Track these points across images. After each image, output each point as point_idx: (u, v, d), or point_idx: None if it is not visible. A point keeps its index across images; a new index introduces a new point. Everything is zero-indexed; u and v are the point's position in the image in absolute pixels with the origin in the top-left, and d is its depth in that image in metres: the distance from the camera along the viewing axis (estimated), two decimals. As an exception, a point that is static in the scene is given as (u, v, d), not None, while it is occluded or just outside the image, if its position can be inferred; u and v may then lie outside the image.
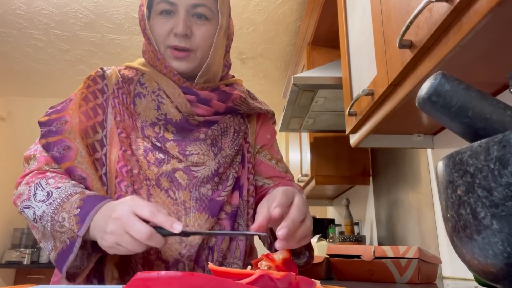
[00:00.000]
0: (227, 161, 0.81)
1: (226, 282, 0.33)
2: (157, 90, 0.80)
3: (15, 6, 2.57)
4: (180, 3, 0.78)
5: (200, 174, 0.78)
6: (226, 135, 0.84)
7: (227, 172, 0.81)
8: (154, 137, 0.79)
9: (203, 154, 0.80)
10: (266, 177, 0.90)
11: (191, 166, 0.78)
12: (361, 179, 2.07)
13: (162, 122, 0.80)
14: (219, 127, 0.83)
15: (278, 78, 3.55)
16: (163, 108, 0.79)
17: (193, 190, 0.77)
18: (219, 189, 0.79)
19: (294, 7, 2.58)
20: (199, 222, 0.75)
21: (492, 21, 0.57)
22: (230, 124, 0.86)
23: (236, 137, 0.85)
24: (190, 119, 0.80)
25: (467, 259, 0.35)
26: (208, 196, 0.77)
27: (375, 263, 0.92)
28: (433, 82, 0.39)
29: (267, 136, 0.95)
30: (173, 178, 0.76)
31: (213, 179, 0.78)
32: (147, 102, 0.80)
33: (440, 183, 0.38)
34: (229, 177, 0.81)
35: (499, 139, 0.31)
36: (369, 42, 1.02)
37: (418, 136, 1.22)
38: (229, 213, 0.79)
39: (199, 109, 0.80)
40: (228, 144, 0.83)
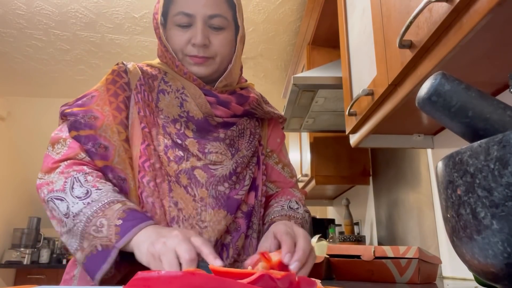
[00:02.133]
0: (244, 162, 0.84)
1: (227, 281, 0.33)
2: (181, 88, 0.83)
3: (15, 6, 2.57)
4: (197, 14, 0.79)
5: (218, 172, 0.80)
6: (243, 136, 0.87)
7: (244, 172, 0.84)
8: (175, 133, 0.80)
9: (221, 154, 0.82)
10: (271, 181, 0.93)
11: (209, 165, 0.80)
12: (361, 179, 2.07)
13: (183, 119, 0.82)
14: (237, 128, 0.86)
15: (278, 78, 3.55)
16: (186, 105, 0.81)
17: (210, 188, 0.78)
18: (237, 188, 0.81)
19: (294, 7, 2.58)
20: (218, 218, 0.76)
21: (492, 21, 0.57)
22: (247, 126, 0.88)
23: (253, 139, 0.88)
24: (209, 119, 0.82)
25: (467, 259, 0.35)
26: (226, 194, 0.79)
27: (375, 263, 0.92)
28: (433, 82, 0.39)
29: (277, 140, 0.98)
30: (192, 176, 0.78)
31: (231, 178, 0.80)
32: (171, 99, 0.82)
33: (440, 183, 0.38)
34: (245, 177, 0.84)
35: (499, 139, 0.31)
36: (369, 42, 1.02)
37: (418, 136, 1.22)
38: (245, 212, 0.81)
39: (218, 110, 0.83)
40: (245, 146, 0.86)
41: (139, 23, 2.72)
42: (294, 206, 0.87)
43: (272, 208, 0.87)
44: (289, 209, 0.85)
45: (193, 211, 0.76)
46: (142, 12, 2.62)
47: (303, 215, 0.86)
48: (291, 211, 0.84)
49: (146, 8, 2.57)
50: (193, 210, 0.76)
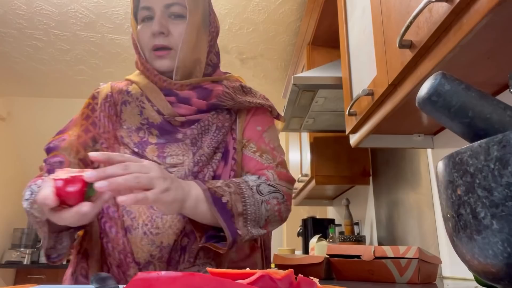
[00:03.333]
0: (202, 160, 0.80)
1: (227, 282, 0.33)
2: (140, 95, 0.84)
3: (15, 6, 2.57)
4: (155, 5, 0.81)
5: (174, 174, 0.77)
6: (207, 133, 0.84)
7: (204, 170, 0.81)
8: (138, 142, 0.81)
9: (182, 155, 0.80)
10: (247, 171, 0.86)
11: (168, 168, 0.78)
12: (361, 179, 2.07)
13: (145, 126, 0.82)
14: (199, 125, 0.83)
15: (278, 78, 3.55)
16: (145, 112, 0.82)
17: None
18: None
19: (294, 7, 2.57)
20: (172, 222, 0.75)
21: (492, 21, 0.57)
22: (213, 121, 0.85)
23: (217, 134, 0.84)
24: (172, 121, 0.82)
25: (467, 259, 0.35)
26: None
27: (375, 263, 0.92)
28: (433, 82, 0.39)
29: (257, 128, 0.90)
30: None
31: (187, 178, 0.78)
32: (131, 108, 0.83)
33: (440, 183, 0.38)
34: (205, 176, 0.80)
35: (499, 139, 0.31)
36: (369, 42, 1.02)
37: (418, 136, 1.22)
38: None
39: (181, 109, 0.82)
40: (207, 142, 0.83)
41: (139, 23, 2.72)
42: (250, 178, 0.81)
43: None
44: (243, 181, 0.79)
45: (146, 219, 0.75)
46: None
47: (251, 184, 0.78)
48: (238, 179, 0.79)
49: (146, 8, 2.57)
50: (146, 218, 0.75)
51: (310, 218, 2.53)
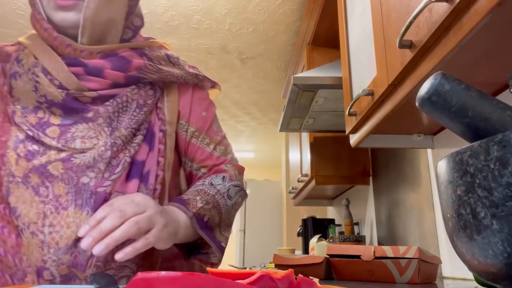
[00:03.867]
0: (117, 143, 0.67)
1: (227, 282, 0.33)
2: (33, 66, 0.67)
3: (15, 6, 2.57)
4: None
5: (79, 160, 0.64)
6: (125, 111, 0.70)
7: (119, 156, 0.67)
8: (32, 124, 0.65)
9: (91, 137, 0.66)
10: (201, 164, 0.79)
11: (74, 154, 0.65)
12: (361, 179, 2.07)
13: (44, 105, 0.66)
14: (116, 102, 0.69)
15: (278, 78, 3.55)
16: (40, 88, 0.66)
17: (69, 181, 0.64)
18: (104, 178, 0.65)
19: (294, 7, 2.57)
20: (73, 220, 0.62)
21: (492, 21, 0.57)
22: (133, 97, 0.71)
23: (137, 113, 0.70)
24: (79, 97, 0.66)
25: (467, 259, 0.35)
26: (90, 186, 0.64)
27: (375, 263, 0.92)
28: (433, 82, 0.39)
29: (203, 114, 0.80)
30: (45, 172, 0.64)
31: (97, 165, 0.65)
32: (23, 83, 0.66)
33: (440, 183, 0.38)
34: (120, 162, 0.67)
35: (499, 139, 0.31)
36: (369, 42, 1.02)
37: (418, 136, 1.22)
38: None
39: (90, 82, 0.67)
40: (125, 123, 0.69)
41: None
42: (216, 182, 0.76)
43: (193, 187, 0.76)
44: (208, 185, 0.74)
45: (35, 216, 0.62)
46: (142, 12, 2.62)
47: (222, 191, 0.75)
48: (208, 186, 0.73)
49: (146, 8, 2.57)
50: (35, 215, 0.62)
51: (310, 218, 2.53)
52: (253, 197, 5.03)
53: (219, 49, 3.06)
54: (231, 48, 3.05)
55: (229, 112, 4.40)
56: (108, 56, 0.69)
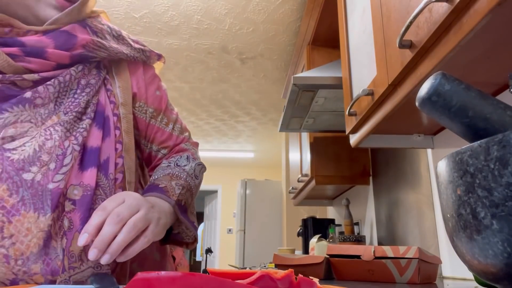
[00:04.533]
0: (58, 130, 0.60)
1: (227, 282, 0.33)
2: None
3: (15, 6, 2.58)
4: None
5: (17, 155, 0.56)
6: (66, 93, 0.62)
7: (63, 144, 0.59)
8: None
9: (24, 121, 0.58)
10: (161, 145, 0.77)
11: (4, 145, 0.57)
12: (361, 179, 2.07)
13: None
14: (57, 81, 0.61)
15: (278, 78, 3.55)
16: None
17: (10, 181, 0.55)
18: (52, 170, 0.58)
19: (294, 7, 2.58)
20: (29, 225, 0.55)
21: (492, 21, 0.57)
22: (76, 76, 0.63)
23: (79, 95, 0.63)
24: (18, 81, 0.58)
25: (467, 259, 0.35)
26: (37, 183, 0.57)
27: (375, 263, 0.92)
28: (433, 82, 0.39)
29: (157, 93, 0.77)
30: None
31: (39, 157, 0.57)
32: None
33: (440, 183, 0.38)
34: (67, 151, 0.59)
35: (499, 139, 0.31)
36: (369, 42, 1.02)
37: (418, 136, 1.22)
38: (80, 201, 0.59)
39: (30, 64, 0.59)
40: (65, 106, 0.61)
41: (139, 23, 2.72)
42: (183, 163, 0.74)
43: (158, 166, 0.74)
44: (176, 167, 0.72)
45: None
46: (142, 12, 2.62)
47: (190, 172, 0.73)
48: (177, 169, 0.71)
49: (146, 8, 2.57)
50: None
51: (310, 218, 2.53)
52: (253, 197, 5.03)
53: (219, 49, 3.06)
54: (231, 48, 3.05)
55: (229, 112, 4.40)
56: (48, 32, 0.60)
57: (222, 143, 5.70)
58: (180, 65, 3.30)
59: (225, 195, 6.77)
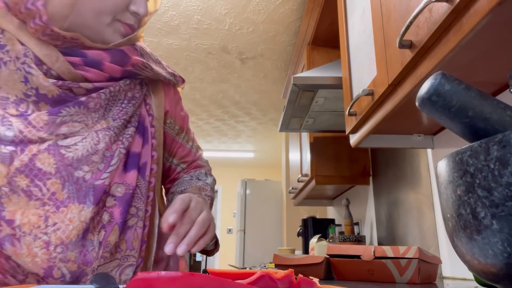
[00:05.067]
0: (109, 134, 0.66)
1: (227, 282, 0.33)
2: (22, 56, 0.62)
3: (15, 6, 2.58)
4: None
5: (72, 153, 0.62)
6: (115, 102, 0.69)
7: (111, 148, 0.67)
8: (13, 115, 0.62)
9: (78, 121, 0.64)
10: (181, 160, 0.85)
11: (59, 141, 0.62)
12: (361, 179, 2.07)
13: (32, 98, 0.62)
14: (109, 90, 0.67)
15: (278, 78, 3.55)
16: (33, 80, 0.61)
17: (63, 176, 0.62)
18: (100, 170, 0.65)
19: (294, 7, 2.58)
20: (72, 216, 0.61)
21: (492, 21, 0.57)
22: (124, 88, 0.70)
23: (126, 105, 0.70)
24: (74, 88, 0.64)
25: (467, 259, 0.35)
26: (87, 180, 0.63)
27: (375, 263, 0.92)
28: (433, 82, 0.39)
29: (181, 113, 0.85)
30: (33, 169, 0.60)
31: (91, 158, 0.64)
32: (10, 71, 0.61)
33: (440, 183, 0.38)
34: (114, 153, 0.66)
35: (499, 139, 0.31)
36: (369, 42, 1.02)
37: (418, 136, 1.22)
38: (121, 197, 0.66)
39: (87, 73, 0.65)
40: (114, 113, 0.69)
41: None
42: (203, 178, 0.83)
43: (181, 179, 0.82)
44: (198, 180, 0.81)
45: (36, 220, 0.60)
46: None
47: (212, 185, 0.84)
48: (201, 182, 0.81)
49: (146, 8, 2.57)
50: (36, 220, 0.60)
51: (310, 218, 2.53)
52: (253, 197, 5.03)
53: (219, 49, 3.06)
54: (231, 48, 3.05)
55: (229, 112, 4.40)
56: (107, 49, 0.68)
57: (222, 143, 5.70)
58: (180, 65, 3.30)
59: (225, 195, 6.77)
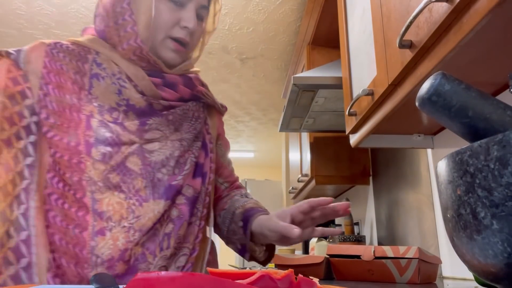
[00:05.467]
0: (183, 145, 0.79)
1: (227, 282, 0.33)
2: (117, 73, 0.75)
3: (15, 6, 2.57)
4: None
5: (155, 158, 0.75)
6: (185, 118, 0.82)
7: (184, 155, 0.79)
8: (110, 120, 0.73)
9: (159, 129, 0.77)
10: (225, 180, 0.96)
11: (143, 145, 0.74)
12: (361, 179, 2.07)
13: (122, 108, 0.74)
14: (182, 108, 0.81)
15: (278, 78, 3.55)
16: (125, 92, 0.74)
17: (147, 176, 0.73)
18: (176, 173, 0.76)
19: (294, 7, 2.57)
20: (153, 207, 0.71)
21: (492, 21, 0.57)
22: (192, 108, 0.83)
23: (195, 122, 0.83)
24: (154, 104, 0.76)
25: (467, 259, 0.35)
26: (164, 181, 0.74)
27: (375, 263, 0.92)
28: (433, 82, 0.39)
29: (226, 137, 0.98)
30: (124, 168, 0.71)
31: (168, 163, 0.76)
32: (107, 85, 0.74)
33: (440, 183, 0.38)
34: (187, 161, 0.79)
35: (499, 139, 0.31)
36: (369, 42, 1.02)
37: (418, 136, 1.22)
38: (189, 198, 0.77)
39: (164, 92, 0.77)
40: (186, 128, 0.81)
41: None
42: (250, 196, 0.95)
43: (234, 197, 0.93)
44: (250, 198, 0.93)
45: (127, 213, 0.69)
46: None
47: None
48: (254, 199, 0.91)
49: (146, 8, 2.57)
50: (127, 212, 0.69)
51: (310, 218, 2.52)
52: (253, 197, 5.02)
53: (219, 49, 3.06)
54: (231, 48, 3.05)
55: (229, 112, 4.40)
56: (180, 75, 0.82)
57: (222, 143, 5.69)
58: (180, 65, 3.30)
59: (225, 195, 6.75)
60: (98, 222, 0.67)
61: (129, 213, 0.69)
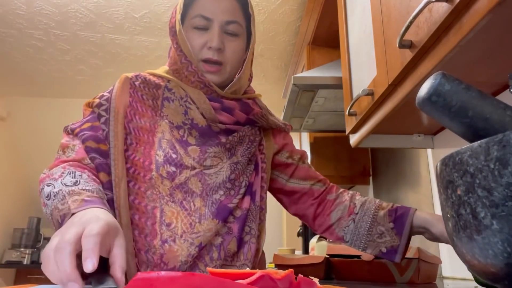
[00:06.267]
0: (238, 168, 0.85)
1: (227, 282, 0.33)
2: (184, 96, 0.84)
3: (15, 6, 2.57)
4: (215, 18, 0.82)
5: (212, 181, 0.82)
6: (241, 143, 0.88)
7: (240, 178, 0.85)
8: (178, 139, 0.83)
9: (217, 157, 0.84)
10: (316, 180, 0.98)
11: (204, 170, 0.82)
12: (361, 179, 2.07)
13: (187, 126, 0.84)
14: (238, 134, 0.87)
15: (278, 78, 3.55)
16: (190, 113, 0.83)
17: (206, 197, 0.81)
18: (231, 195, 0.83)
19: (294, 7, 2.58)
20: (210, 227, 0.79)
21: (492, 21, 0.57)
22: (247, 134, 0.89)
23: (250, 146, 0.89)
24: (212, 126, 0.84)
25: (467, 259, 0.35)
26: (221, 202, 0.81)
27: (375, 263, 0.92)
28: (433, 82, 0.39)
29: (297, 149, 1.02)
30: (186, 188, 0.80)
31: (225, 185, 0.83)
32: (176, 106, 0.84)
33: (440, 183, 0.38)
34: (242, 184, 0.85)
35: (499, 139, 0.31)
36: (369, 42, 1.02)
37: (418, 136, 1.22)
38: (237, 217, 0.83)
39: (222, 116, 0.84)
40: (241, 152, 0.87)
41: (139, 23, 2.72)
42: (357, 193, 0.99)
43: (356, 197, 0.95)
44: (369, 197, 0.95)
45: (187, 227, 0.78)
46: (142, 12, 2.62)
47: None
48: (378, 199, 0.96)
49: (146, 8, 2.57)
50: (187, 226, 0.78)
51: (310, 218, 2.52)
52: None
53: (219, 49, 3.06)
54: (231, 48, 3.04)
55: (229, 112, 4.40)
56: (237, 100, 0.88)
57: (222, 143, 5.69)
58: (180, 65, 3.30)
59: (225, 195, 6.75)
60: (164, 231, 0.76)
61: (191, 228, 0.78)
